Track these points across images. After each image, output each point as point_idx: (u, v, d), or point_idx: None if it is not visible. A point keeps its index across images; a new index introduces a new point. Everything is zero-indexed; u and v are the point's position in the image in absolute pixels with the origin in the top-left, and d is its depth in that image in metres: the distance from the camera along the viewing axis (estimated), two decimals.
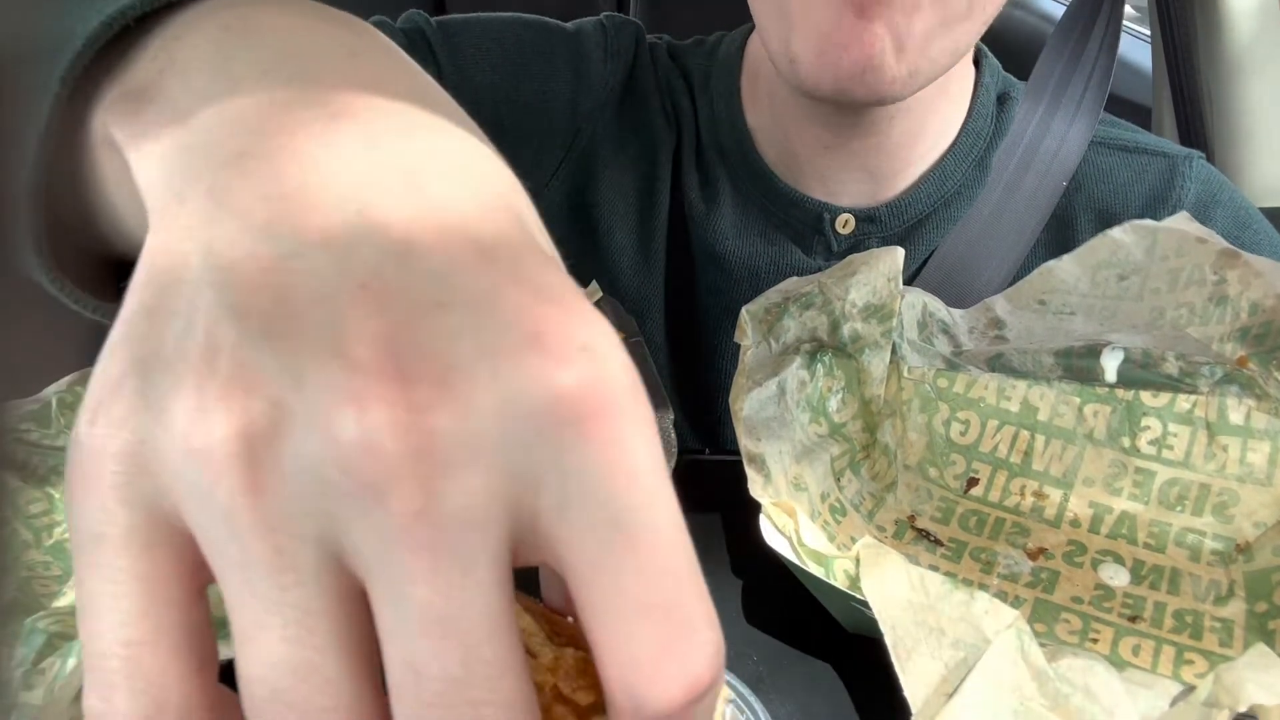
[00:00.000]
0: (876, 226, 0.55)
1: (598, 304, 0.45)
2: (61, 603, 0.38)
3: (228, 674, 0.14)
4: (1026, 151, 0.55)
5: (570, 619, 0.19)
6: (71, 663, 0.29)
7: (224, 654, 0.30)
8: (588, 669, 0.17)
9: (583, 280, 0.59)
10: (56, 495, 0.41)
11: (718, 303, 0.58)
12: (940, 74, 0.46)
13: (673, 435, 0.38)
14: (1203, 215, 0.55)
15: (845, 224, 0.55)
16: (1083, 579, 0.39)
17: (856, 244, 0.55)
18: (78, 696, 0.29)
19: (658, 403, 0.39)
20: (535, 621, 0.18)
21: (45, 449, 0.41)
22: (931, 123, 0.54)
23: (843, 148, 0.53)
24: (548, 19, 0.59)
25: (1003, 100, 0.57)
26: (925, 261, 0.56)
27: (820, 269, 0.55)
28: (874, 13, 0.41)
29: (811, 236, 0.56)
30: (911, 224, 0.55)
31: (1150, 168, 0.56)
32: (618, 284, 0.59)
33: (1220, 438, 0.40)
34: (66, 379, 0.42)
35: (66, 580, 0.39)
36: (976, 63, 0.57)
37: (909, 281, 0.55)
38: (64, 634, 0.35)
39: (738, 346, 0.42)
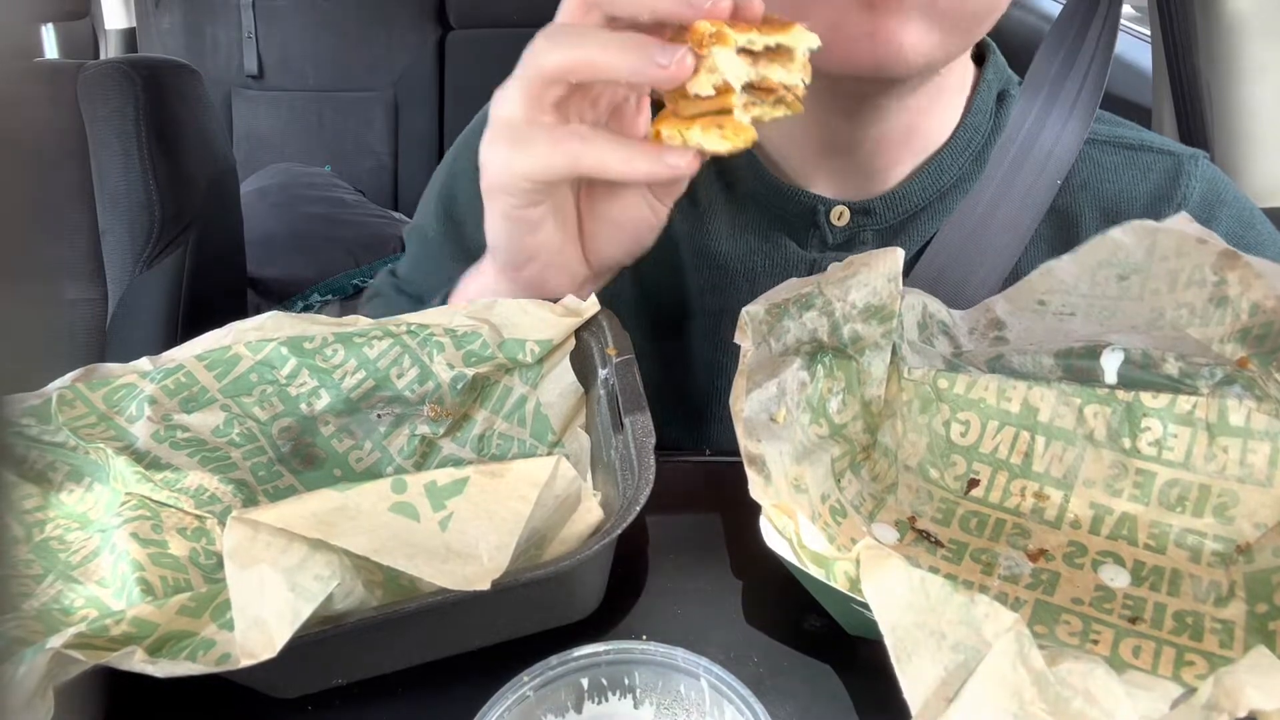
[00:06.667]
0: (872, 219, 0.55)
1: (595, 318, 0.45)
2: (31, 605, 0.37)
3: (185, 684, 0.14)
4: (1022, 147, 0.55)
5: None
6: (23, 670, 0.29)
7: (192, 669, 0.30)
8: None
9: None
10: (51, 491, 0.41)
11: (715, 302, 0.58)
12: (950, 61, 0.47)
13: (650, 425, 0.38)
14: (1208, 214, 0.55)
15: (840, 216, 0.55)
16: (1083, 580, 0.39)
17: (852, 236, 0.55)
18: (28, 702, 0.28)
19: (640, 407, 0.38)
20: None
21: (44, 444, 0.41)
22: (927, 118, 0.54)
23: (840, 142, 0.53)
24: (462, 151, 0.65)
25: (1002, 97, 0.57)
26: (919, 254, 0.56)
27: (816, 261, 0.55)
28: (885, 6, 0.42)
29: (806, 229, 0.56)
30: (906, 216, 0.55)
31: (1156, 166, 0.56)
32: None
33: (1220, 439, 0.40)
34: (70, 375, 0.42)
35: (44, 580, 0.39)
36: (981, 59, 0.57)
37: (903, 274, 0.55)
38: (24, 639, 0.34)
39: (738, 346, 0.42)
